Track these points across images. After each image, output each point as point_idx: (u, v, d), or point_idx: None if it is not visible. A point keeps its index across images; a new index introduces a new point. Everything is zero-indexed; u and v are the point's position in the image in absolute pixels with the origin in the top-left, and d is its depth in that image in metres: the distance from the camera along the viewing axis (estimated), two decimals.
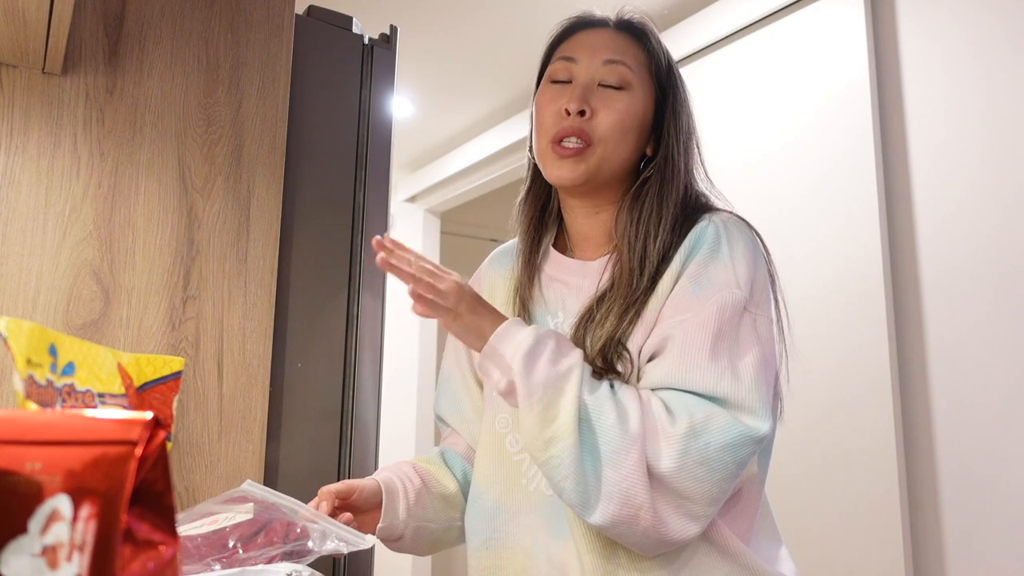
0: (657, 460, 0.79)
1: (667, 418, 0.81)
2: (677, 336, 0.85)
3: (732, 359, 0.84)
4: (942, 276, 1.76)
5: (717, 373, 0.83)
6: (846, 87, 1.94)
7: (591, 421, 0.81)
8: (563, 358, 0.84)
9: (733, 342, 0.85)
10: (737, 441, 0.81)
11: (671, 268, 0.90)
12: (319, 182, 1.41)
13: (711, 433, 0.80)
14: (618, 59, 0.96)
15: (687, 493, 0.80)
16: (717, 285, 0.87)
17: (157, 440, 0.41)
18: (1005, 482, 1.60)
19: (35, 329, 0.80)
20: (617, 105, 0.94)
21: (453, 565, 3.90)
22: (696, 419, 0.80)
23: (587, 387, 0.83)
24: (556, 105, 0.95)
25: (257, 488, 0.88)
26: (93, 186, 1.18)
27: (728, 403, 0.82)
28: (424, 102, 3.21)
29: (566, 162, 0.94)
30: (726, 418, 0.81)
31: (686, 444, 0.79)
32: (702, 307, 0.86)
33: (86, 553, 0.38)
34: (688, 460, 0.79)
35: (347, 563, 1.32)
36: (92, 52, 1.21)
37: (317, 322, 1.36)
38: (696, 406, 0.82)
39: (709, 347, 0.84)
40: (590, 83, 0.95)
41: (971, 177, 1.73)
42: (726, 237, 0.90)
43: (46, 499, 0.38)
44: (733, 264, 0.89)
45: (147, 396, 0.97)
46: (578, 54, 0.97)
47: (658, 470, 0.79)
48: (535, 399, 0.81)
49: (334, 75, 1.46)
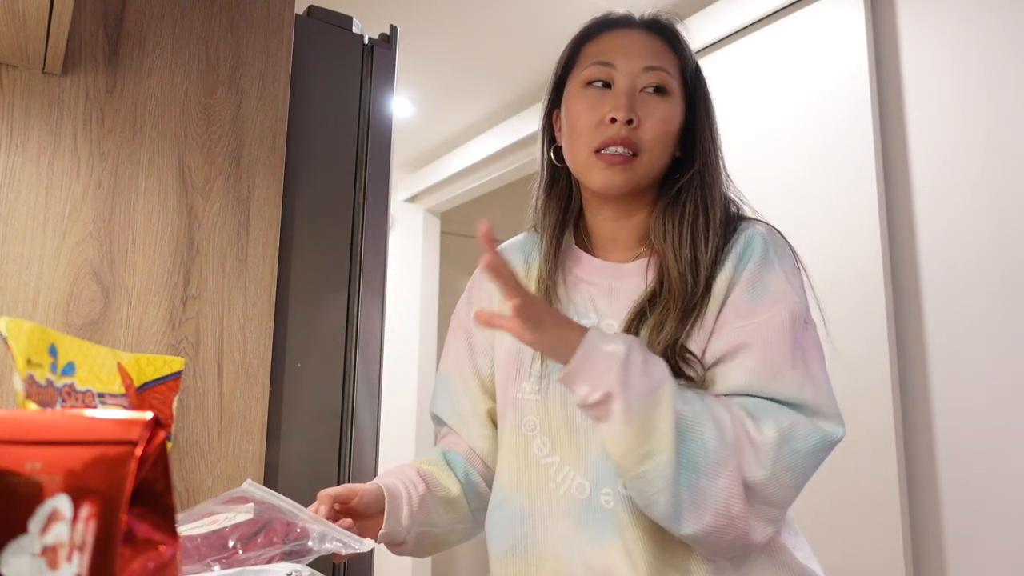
0: (749, 469, 0.81)
1: (755, 427, 0.82)
2: (754, 342, 0.86)
3: (808, 366, 0.86)
4: (942, 276, 1.76)
5: (798, 380, 0.85)
6: (846, 87, 1.94)
7: (688, 433, 0.80)
8: (653, 368, 0.82)
9: (806, 350, 0.87)
10: (820, 446, 0.83)
11: (724, 272, 0.91)
12: (319, 182, 1.41)
13: (798, 440, 0.82)
14: (657, 65, 0.95)
15: (774, 500, 0.82)
16: (774, 293, 0.89)
17: (157, 440, 0.41)
18: (1005, 481, 1.60)
19: (35, 329, 0.80)
20: (661, 113, 0.94)
21: (453, 565, 3.90)
22: (783, 426, 0.82)
23: (679, 397, 0.81)
24: (598, 112, 0.93)
25: (257, 488, 0.88)
26: (93, 186, 1.18)
27: (808, 409, 0.85)
28: (424, 102, 3.21)
29: (614, 170, 0.92)
30: (808, 424, 0.83)
31: (777, 452, 0.81)
32: (771, 314, 0.87)
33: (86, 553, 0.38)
34: (778, 468, 0.81)
35: (347, 563, 1.32)
36: (92, 52, 1.21)
37: (317, 322, 1.36)
38: (781, 413, 0.83)
39: (789, 355, 0.86)
40: (632, 90, 0.94)
41: (971, 177, 1.73)
42: (773, 247, 0.92)
43: (46, 499, 0.38)
44: (785, 274, 0.91)
45: (147, 396, 0.97)
46: (616, 58, 0.95)
47: (751, 479, 0.80)
48: (634, 411, 0.79)
49: (334, 75, 1.46)
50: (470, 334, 1.08)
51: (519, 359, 1.00)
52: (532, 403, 0.96)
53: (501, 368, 1.03)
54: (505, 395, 1.01)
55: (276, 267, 1.30)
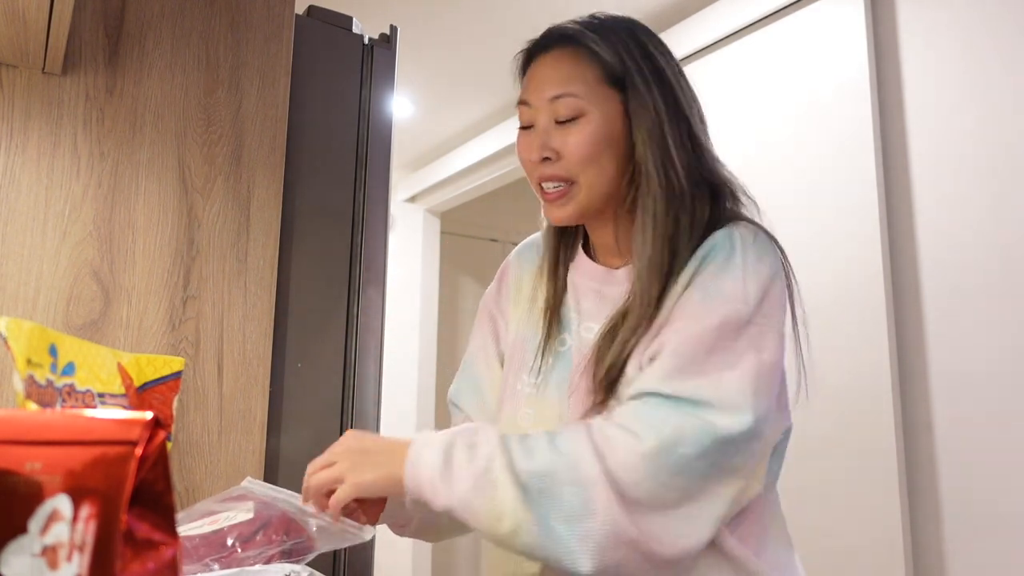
0: (629, 489, 0.77)
1: (631, 440, 0.79)
2: (672, 344, 0.83)
3: (721, 370, 0.82)
4: (942, 277, 1.76)
5: (700, 382, 0.81)
6: (846, 87, 1.94)
7: (541, 490, 0.78)
8: (477, 450, 0.81)
9: (727, 354, 0.83)
10: (712, 447, 0.78)
11: (685, 275, 0.88)
12: (319, 182, 1.41)
13: (684, 445, 0.78)
14: (561, 91, 0.92)
15: (672, 504, 0.78)
16: (725, 296, 0.85)
17: (157, 440, 0.41)
18: (1005, 486, 1.60)
19: (35, 329, 0.80)
20: (575, 138, 0.91)
21: (453, 564, 3.90)
22: (664, 435, 0.78)
23: (521, 456, 0.79)
24: (526, 154, 0.96)
25: (257, 485, 0.88)
26: (93, 186, 1.18)
27: (702, 405, 0.80)
28: (424, 102, 3.21)
29: (553, 206, 0.94)
30: (697, 425, 0.79)
31: (658, 462, 0.77)
32: (705, 317, 0.84)
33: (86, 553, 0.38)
34: (663, 475, 0.77)
35: (347, 561, 1.32)
36: (92, 52, 1.21)
37: (317, 322, 1.36)
38: (663, 421, 0.79)
39: (701, 360, 0.82)
40: (548, 125, 0.93)
41: (971, 177, 1.73)
42: (741, 247, 0.87)
43: (46, 499, 0.38)
44: (745, 275, 0.86)
45: (147, 396, 0.97)
46: (529, 95, 0.96)
47: (634, 495, 0.77)
48: (475, 507, 0.79)
49: (334, 75, 1.46)
50: (495, 321, 1.10)
51: (523, 350, 1.01)
52: (530, 395, 0.97)
53: (508, 357, 1.05)
54: (506, 384, 1.03)
55: (276, 267, 1.30)
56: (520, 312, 1.06)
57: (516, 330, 1.05)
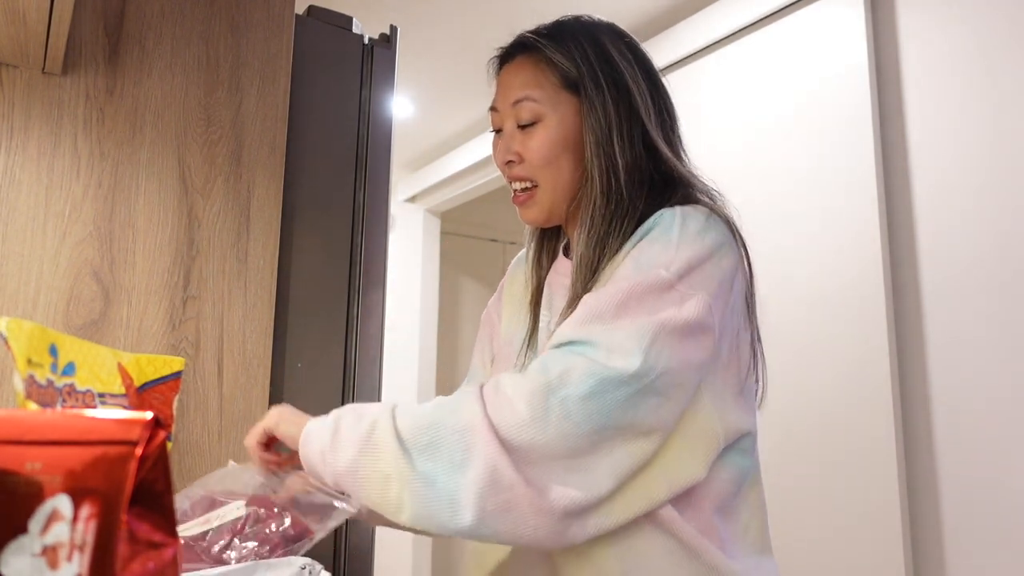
0: (512, 430, 0.74)
1: (516, 384, 0.77)
2: (586, 302, 0.83)
3: (621, 318, 0.80)
4: (942, 276, 1.76)
5: (595, 327, 0.80)
6: (846, 87, 1.94)
7: (424, 444, 0.77)
8: (363, 418, 0.82)
9: (634, 308, 0.80)
10: (599, 387, 0.75)
11: (620, 254, 0.88)
12: (319, 182, 1.41)
13: (569, 386, 0.75)
14: (521, 96, 0.97)
15: (559, 451, 0.75)
16: (649, 262, 0.83)
17: (157, 440, 0.41)
18: (1005, 483, 1.60)
19: (35, 329, 0.80)
20: (533, 142, 0.96)
21: (454, 563, 3.90)
22: (551, 375, 0.76)
23: (405, 416, 0.79)
24: (497, 157, 1.01)
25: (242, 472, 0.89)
26: (93, 186, 1.18)
27: (593, 345, 0.78)
28: (424, 102, 3.21)
29: (522, 207, 1.00)
30: (585, 366, 0.76)
31: (540, 401, 0.75)
32: (623, 282, 0.82)
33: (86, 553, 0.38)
34: (551, 418, 0.74)
35: (347, 561, 1.32)
36: (92, 52, 1.21)
37: (317, 322, 1.36)
38: (552, 362, 0.78)
39: (605, 312, 0.81)
40: (512, 130, 0.98)
41: (971, 177, 1.74)
42: (680, 222, 0.86)
43: (46, 499, 0.38)
44: (677, 245, 0.84)
45: (147, 396, 0.97)
46: (497, 101, 1.01)
47: (518, 440, 0.74)
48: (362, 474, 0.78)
49: (334, 75, 1.46)
50: (494, 327, 1.13)
51: (509, 350, 1.04)
52: None
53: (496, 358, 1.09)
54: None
55: (276, 267, 1.30)
56: (509, 312, 1.09)
57: (504, 331, 1.08)
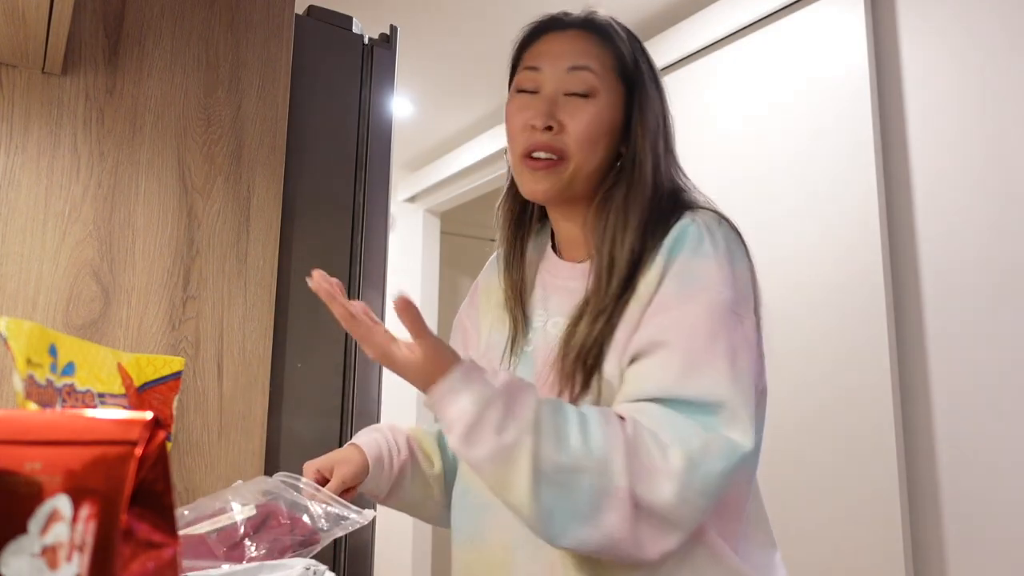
0: (652, 495, 0.76)
1: (659, 453, 0.77)
2: (671, 338, 0.82)
3: (730, 363, 0.80)
4: (942, 276, 1.76)
5: (715, 377, 0.80)
6: (846, 87, 1.94)
7: (558, 483, 0.75)
8: (510, 422, 0.77)
9: (731, 344, 0.82)
10: (733, 467, 0.78)
11: (654, 268, 0.87)
12: (319, 182, 1.41)
13: (711, 462, 0.77)
14: (582, 64, 0.93)
15: (683, 523, 0.77)
16: (702, 282, 0.84)
17: (157, 440, 0.41)
18: (1005, 482, 1.60)
19: (35, 329, 0.80)
20: (584, 116, 0.92)
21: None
22: (693, 448, 0.77)
23: (550, 444, 0.76)
24: (523, 118, 0.94)
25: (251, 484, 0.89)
26: (93, 186, 1.18)
27: (725, 412, 0.79)
28: (424, 102, 3.21)
29: (539, 175, 0.93)
30: (722, 443, 0.78)
31: (685, 479, 0.76)
32: (689, 307, 0.83)
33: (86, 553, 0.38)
34: (689, 494, 0.76)
35: (347, 560, 1.32)
36: (92, 52, 1.21)
37: (317, 322, 1.36)
38: (691, 432, 0.78)
39: (707, 348, 0.81)
40: (555, 94, 0.93)
41: (971, 177, 1.73)
42: (709, 235, 0.87)
43: (46, 499, 0.38)
44: (717, 262, 0.85)
45: (147, 396, 0.97)
46: (542, 62, 0.95)
47: (651, 503, 0.75)
48: (486, 470, 0.78)
49: (334, 75, 1.46)
50: (467, 335, 1.10)
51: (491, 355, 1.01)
52: None
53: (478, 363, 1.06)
54: None
55: (276, 267, 1.30)
56: (490, 319, 1.06)
57: (487, 337, 1.05)
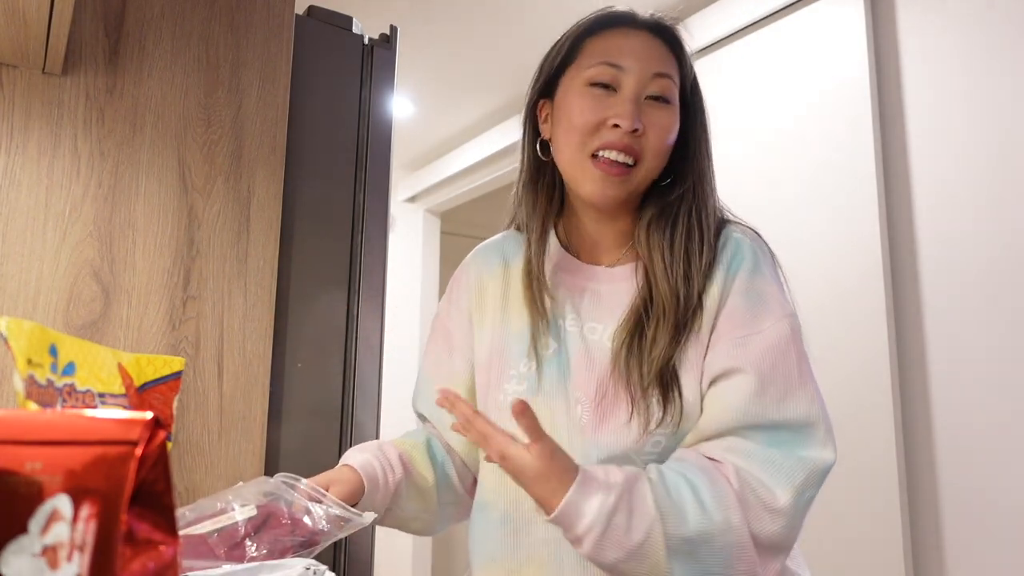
0: (767, 532, 0.81)
1: (769, 496, 0.81)
2: (753, 364, 0.84)
3: (810, 382, 0.86)
4: (942, 275, 1.76)
5: (807, 398, 0.84)
6: (846, 87, 1.94)
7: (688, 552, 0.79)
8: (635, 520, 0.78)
9: (806, 366, 0.87)
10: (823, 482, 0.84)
11: (715, 283, 0.89)
12: (319, 182, 1.41)
13: (811, 489, 0.83)
14: (665, 72, 0.92)
15: (791, 544, 0.83)
16: (769, 304, 0.88)
17: (157, 440, 0.41)
18: (1005, 487, 1.60)
19: (35, 329, 0.80)
20: (663, 123, 0.91)
21: (454, 562, 3.90)
22: (797, 484, 0.82)
23: (675, 523, 0.78)
24: (599, 115, 0.90)
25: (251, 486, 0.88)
26: (93, 186, 1.18)
27: (818, 431, 0.84)
28: (424, 102, 3.21)
29: (611, 181, 0.90)
30: (819, 468, 0.83)
31: (793, 511, 0.81)
32: (769, 328, 0.86)
33: (86, 553, 0.38)
34: (797, 521, 0.82)
35: (347, 559, 1.32)
36: (92, 52, 1.21)
37: (317, 322, 1.36)
38: (790, 466, 0.82)
39: (795, 371, 0.85)
40: (639, 96, 0.90)
41: (971, 177, 1.73)
42: (761, 253, 0.92)
43: (46, 499, 0.38)
44: (776, 281, 0.91)
45: (147, 396, 0.97)
46: (624, 60, 0.91)
47: (769, 539, 0.81)
48: (622, 569, 0.79)
49: (334, 75, 1.46)
50: (450, 335, 1.07)
51: (502, 362, 0.98)
52: None
53: (482, 371, 1.01)
54: (486, 398, 0.99)
55: (276, 267, 1.30)
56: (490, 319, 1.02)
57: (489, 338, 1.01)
